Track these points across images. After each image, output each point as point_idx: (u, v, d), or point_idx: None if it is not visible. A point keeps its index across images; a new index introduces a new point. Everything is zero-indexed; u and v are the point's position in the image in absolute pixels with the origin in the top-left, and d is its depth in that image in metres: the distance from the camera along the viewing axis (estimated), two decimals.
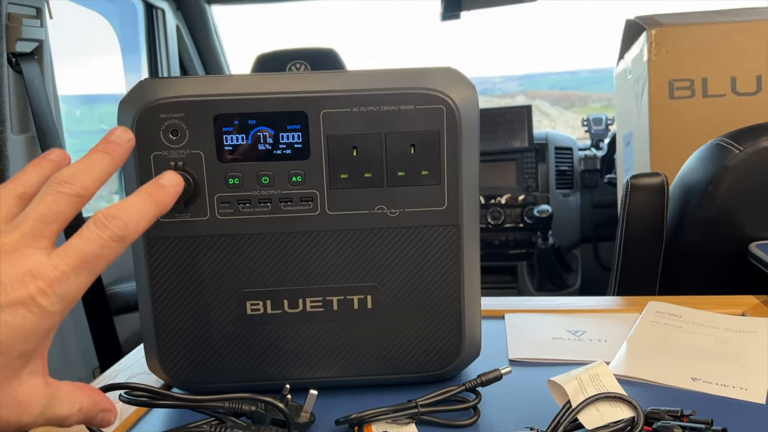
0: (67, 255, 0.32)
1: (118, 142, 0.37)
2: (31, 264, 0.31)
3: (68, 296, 0.32)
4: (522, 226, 2.26)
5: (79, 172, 0.34)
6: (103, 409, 0.37)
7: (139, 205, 0.35)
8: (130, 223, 0.34)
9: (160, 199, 0.36)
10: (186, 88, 0.51)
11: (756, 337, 0.64)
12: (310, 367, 0.55)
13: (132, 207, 0.34)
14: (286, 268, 0.54)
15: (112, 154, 0.36)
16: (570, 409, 0.46)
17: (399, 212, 0.53)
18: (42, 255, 0.32)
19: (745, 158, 0.90)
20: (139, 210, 0.35)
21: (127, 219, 0.34)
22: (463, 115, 0.52)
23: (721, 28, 1.36)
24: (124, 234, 0.33)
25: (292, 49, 1.67)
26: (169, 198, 0.37)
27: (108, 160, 0.36)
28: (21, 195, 0.35)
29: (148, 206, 0.35)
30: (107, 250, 0.33)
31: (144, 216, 0.35)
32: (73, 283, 0.32)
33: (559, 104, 5.59)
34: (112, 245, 0.33)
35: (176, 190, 0.37)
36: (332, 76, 0.52)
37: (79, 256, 0.32)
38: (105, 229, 0.33)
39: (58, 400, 0.34)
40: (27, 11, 1.14)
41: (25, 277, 0.30)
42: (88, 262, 0.32)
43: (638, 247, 0.99)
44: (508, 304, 0.78)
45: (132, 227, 0.34)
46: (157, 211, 0.36)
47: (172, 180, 0.37)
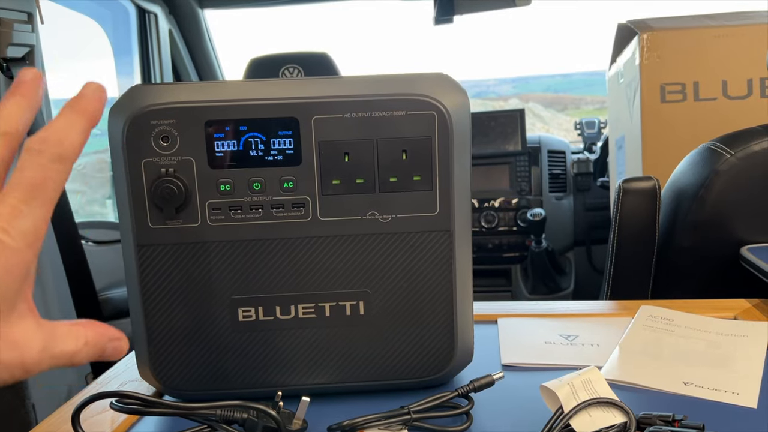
0: (12, 189, 0.31)
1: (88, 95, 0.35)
2: None
3: (29, 229, 0.31)
4: (515, 230, 2.26)
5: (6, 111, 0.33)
6: (111, 338, 0.36)
7: (67, 120, 0.34)
8: (64, 140, 0.33)
9: (86, 109, 0.34)
10: (177, 95, 0.51)
11: (748, 341, 0.64)
12: (303, 374, 0.55)
13: (60, 125, 0.33)
14: (278, 275, 0.53)
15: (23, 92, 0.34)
16: (562, 415, 0.46)
17: (391, 218, 0.53)
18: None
19: (736, 162, 0.90)
20: (69, 124, 0.33)
21: (59, 136, 0.33)
22: (455, 120, 0.52)
23: (712, 32, 1.37)
24: (61, 152, 0.32)
25: (286, 53, 1.67)
26: (94, 105, 0.35)
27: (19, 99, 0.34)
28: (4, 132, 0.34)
29: (76, 118, 0.34)
30: (51, 172, 0.32)
31: (75, 129, 0.33)
32: (28, 215, 0.31)
33: (552, 107, 5.62)
34: (53, 167, 0.32)
35: (99, 95, 0.35)
36: (323, 82, 0.52)
37: (24, 186, 0.31)
38: (40, 154, 0.32)
39: (58, 338, 0.33)
40: (18, 16, 1.14)
41: None
42: (35, 189, 0.31)
43: (630, 251, 0.99)
44: (501, 309, 0.78)
45: (67, 143, 0.33)
46: (88, 121, 0.34)
47: (91, 87, 0.35)
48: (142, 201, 0.51)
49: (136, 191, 0.51)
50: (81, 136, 0.34)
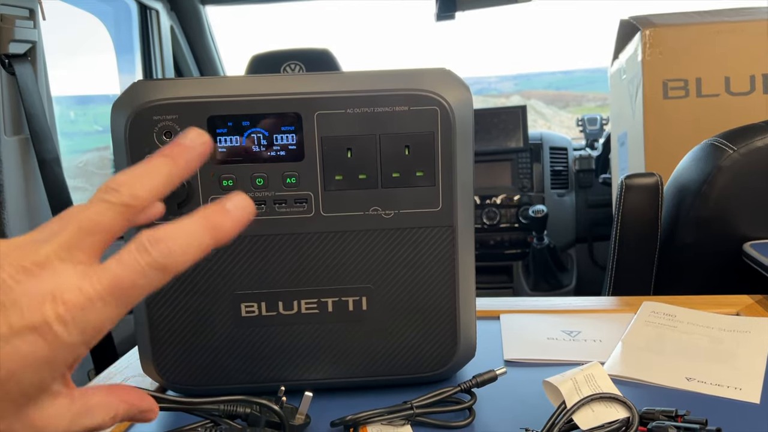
0: (99, 278, 0.27)
1: (186, 144, 0.31)
2: (56, 283, 0.27)
3: (91, 326, 0.27)
4: (517, 226, 2.26)
5: (131, 178, 0.29)
6: (141, 410, 0.34)
7: (192, 229, 0.29)
8: (177, 250, 0.28)
9: (219, 226, 0.30)
10: (179, 90, 0.51)
11: (750, 337, 0.64)
12: (305, 369, 0.55)
13: (183, 231, 0.29)
14: (281, 270, 0.53)
15: (176, 160, 0.31)
16: (565, 410, 0.46)
17: (393, 213, 0.53)
18: (73, 272, 0.27)
19: (738, 158, 0.90)
20: (191, 235, 0.29)
21: (174, 245, 0.28)
22: (458, 116, 0.52)
23: (715, 28, 1.37)
24: (167, 263, 0.28)
25: (287, 50, 1.66)
26: (230, 225, 0.30)
27: (170, 167, 0.30)
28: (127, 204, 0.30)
29: (203, 232, 0.29)
30: (144, 279, 0.28)
31: (195, 244, 0.29)
32: (98, 312, 0.27)
33: (554, 104, 5.60)
34: (150, 274, 0.28)
35: (242, 215, 0.30)
36: (326, 78, 0.52)
37: (111, 281, 0.27)
38: (145, 254, 0.28)
39: (88, 414, 0.31)
40: (20, 12, 1.14)
41: (45, 299, 0.26)
42: (119, 290, 0.27)
43: (633, 247, 0.99)
44: (504, 305, 0.78)
45: (179, 256, 0.28)
46: (214, 240, 0.29)
47: (239, 203, 0.30)
48: None
49: None
50: (197, 252, 0.29)
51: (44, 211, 1.20)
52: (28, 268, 0.27)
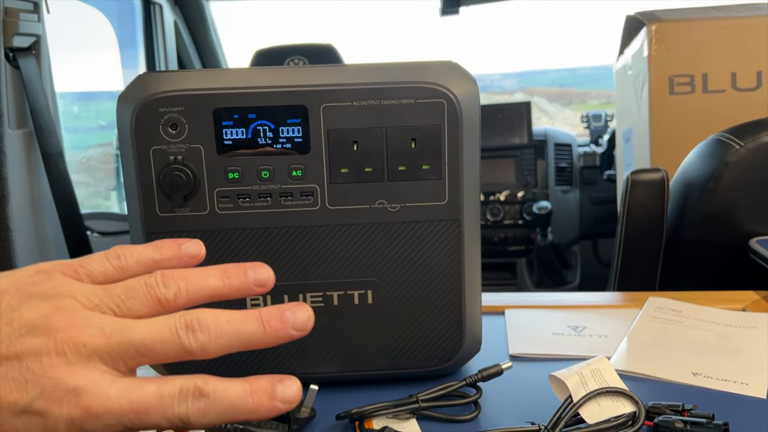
0: (129, 396, 0.27)
1: (287, 321, 0.30)
2: (86, 382, 0.26)
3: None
4: (521, 223, 2.25)
5: (217, 325, 0.29)
6: None
7: (237, 398, 0.28)
8: (210, 413, 0.28)
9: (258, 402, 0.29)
10: (185, 82, 0.51)
11: (756, 333, 0.64)
12: (311, 362, 0.55)
13: (228, 395, 0.28)
14: (287, 263, 0.53)
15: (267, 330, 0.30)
16: (571, 404, 0.46)
17: (400, 207, 0.53)
18: (107, 378, 0.27)
19: (745, 154, 0.90)
20: (231, 403, 0.28)
21: (211, 408, 0.28)
22: (464, 108, 0.52)
23: (721, 23, 1.36)
24: (195, 422, 0.28)
25: (291, 45, 1.66)
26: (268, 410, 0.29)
27: (257, 333, 0.30)
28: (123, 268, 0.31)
29: (244, 402, 0.28)
30: (166, 423, 0.27)
31: (231, 411, 0.28)
32: (106, 426, 0.27)
33: (557, 101, 5.58)
34: (173, 422, 0.27)
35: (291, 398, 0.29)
36: (333, 70, 0.52)
37: (138, 408, 0.27)
38: (183, 405, 0.27)
39: None
40: (24, 6, 1.14)
41: (68, 393, 0.26)
42: (139, 419, 0.27)
43: (638, 243, 0.99)
44: (509, 300, 0.78)
45: (207, 419, 0.28)
46: (248, 416, 0.29)
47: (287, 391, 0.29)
48: (151, 189, 0.51)
49: (144, 179, 0.51)
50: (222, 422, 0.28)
51: (48, 205, 1.20)
52: (68, 356, 0.27)
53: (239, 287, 0.32)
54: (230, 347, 0.29)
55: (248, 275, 0.32)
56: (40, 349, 0.26)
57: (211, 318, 0.29)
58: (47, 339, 0.27)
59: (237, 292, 0.32)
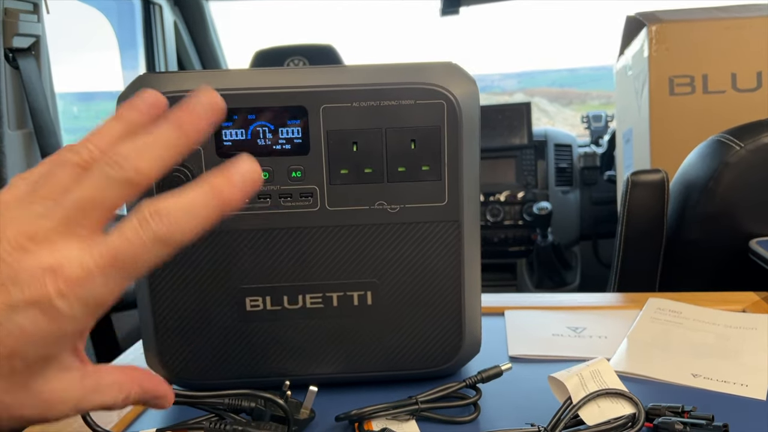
0: (100, 252, 0.27)
1: (196, 110, 0.29)
2: (55, 258, 0.26)
3: (93, 300, 0.27)
4: (521, 224, 2.25)
5: (135, 151, 0.28)
6: (157, 396, 0.32)
7: (197, 201, 0.28)
8: (180, 223, 0.27)
9: (226, 197, 0.28)
10: (185, 83, 0.50)
11: (756, 334, 0.64)
12: (310, 364, 0.55)
13: (187, 203, 0.28)
14: (286, 264, 0.53)
15: (185, 128, 0.29)
16: (571, 406, 0.46)
17: (399, 208, 0.53)
18: (73, 246, 0.27)
19: (745, 155, 0.90)
20: (195, 208, 0.28)
21: (177, 218, 0.27)
22: (464, 110, 0.51)
23: (721, 24, 1.36)
24: (170, 236, 0.27)
25: (291, 45, 1.66)
26: (238, 196, 0.29)
27: (176, 136, 0.29)
28: (28, 185, 0.29)
29: (208, 204, 0.28)
30: (146, 253, 0.27)
31: (200, 216, 0.28)
32: (99, 286, 0.27)
33: (557, 101, 5.59)
34: (152, 248, 0.27)
35: (250, 185, 0.29)
36: (332, 71, 0.52)
37: (112, 255, 0.27)
38: (147, 228, 0.27)
39: (99, 391, 0.30)
40: (24, 6, 1.14)
41: (45, 274, 0.26)
42: (120, 263, 0.27)
43: (638, 244, 0.99)
44: (508, 301, 0.78)
45: (182, 229, 0.27)
46: (220, 212, 0.28)
47: (247, 172, 0.29)
48: (150, 190, 0.51)
49: None
50: (201, 225, 0.28)
51: None
52: (26, 246, 0.27)
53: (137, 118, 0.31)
54: (160, 157, 0.28)
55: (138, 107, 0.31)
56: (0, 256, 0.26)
57: (127, 145, 0.28)
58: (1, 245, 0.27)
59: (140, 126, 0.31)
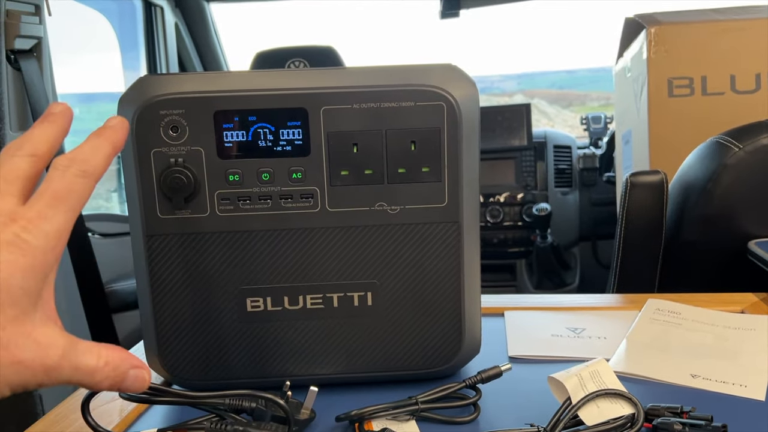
0: (39, 197, 0.33)
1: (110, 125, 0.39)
2: (7, 210, 0.32)
3: (52, 231, 0.32)
4: (521, 225, 2.26)
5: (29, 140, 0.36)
6: (133, 365, 0.35)
7: (93, 145, 0.36)
8: (90, 159, 0.35)
9: (111, 137, 0.38)
10: (186, 85, 0.51)
11: (755, 335, 0.64)
12: (311, 364, 0.55)
13: (86, 148, 0.36)
14: (287, 265, 0.54)
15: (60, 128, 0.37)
16: (570, 406, 0.46)
17: (399, 209, 0.53)
18: (15, 201, 0.33)
19: (744, 156, 0.90)
20: (94, 148, 0.36)
21: (85, 156, 0.35)
22: (464, 111, 0.52)
23: (720, 26, 1.36)
24: (86, 168, 0.35)
25: (291, 47, 1.66)
26: (118, 135, 0.38)
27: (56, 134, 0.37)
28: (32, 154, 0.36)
29: (102, 143, 0.37)
30: (75, 185, 0.34)
31: (100, 152, 0.36)
32: (52, 219, 0.33)
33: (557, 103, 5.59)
34: (78, 181, 0.34)
35: (122, 126, 0.39)
36: (333, 73, 0.52)
37: (50, 194, 0.33)
38: (66, 170, 0.34)
39: (80, 350, 0.33)
40: (26, 8, 1.14)
41: (5, 221, 0.32)
42: (60, 197, 0.33)
43: (638, 245, 0.99)
44: (508, 302, 0.78)
45: (92, 162, 0.35)
46: (113, 148, 0.37)
47: (116, 120, 0.39)
48: (152, 191, 0.51)
49: (145, 181, 0.51)
50: (105, 160, 0.36)
51: None
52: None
53: None
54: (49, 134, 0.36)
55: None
56: None
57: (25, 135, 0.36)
58: None
59: None
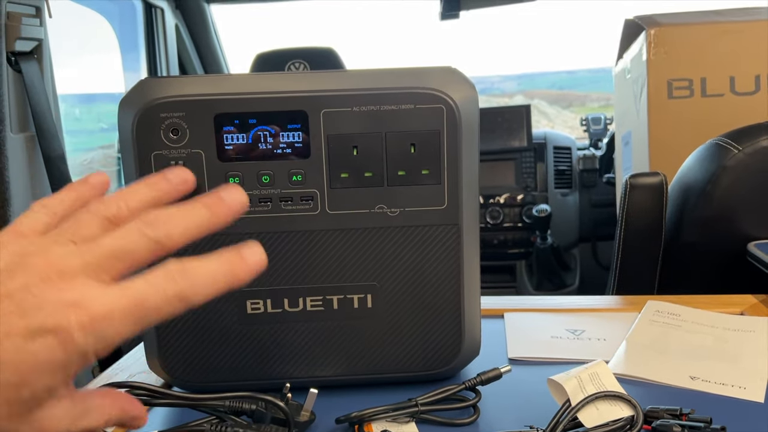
0: (124, 295, 0.29)
1: (225, 200, 0.33)
2: (81, 294, 0.28)
3: (107, 338, 0.28)
4: (521, 226, 2.26)
5: (169, 217, 0.31)
6: (133, 417, 0.35)
7: (217, 269, 0.31)
8: (200, 285, 0.30)
9: (238, 274, 0.32)
10: (186, 88, 0.51)
11: (755, 336, 0.64)
12: (311, 366, 0.55)
13: (208, 270, 0.31)
14: (287, 268, 0.54)
15: (213, 211, 0.33)
16: (569, 408, 0.46)
17: (399, 211, 0.53)
18: (97, 287, 0.29)
19: (743, 158, 0.90)
20: (214, 275, 0.31)
21: (199, 281, 0.30)
22: (463, 114, 0.52)
23: (720, 27, 1.36)
24: (190, 295, 0.30)
25: (291, 49, 1.66)
26: (247, 274, 0.32)
27: (206, 216, 0.32)
28: (54, 213, 0.33)
29: (225, 273, 0.31)
30: (167, 306, 0.30)
31: (216, 285, 0.31)
32: (116, 326, 0.28)
33: (557, 104, 5.59)
34: (173, 304, 0.30)
35: (256, 267, 0.32)
36: (333, 76, 0.52)
37: (136, 301, 0.29)
38: (173, 284, 0.30)
39: (86, 416, 0.32)
40: (26, 10, 1.14)
41: (69, 306, 0.28)
42: (141, 310, 0.29)
43: (637, 247, 0.99)
44: (508, 304, 0.78)
45: (201, 291, 0.30)
46: (232, 284, 0.31)
47: (256, 254, 0.32)
48: None
49: None
50: (215, 292, 0.31)
51: None
52: (54, 280, 0.28)
53: (167, 188, 0.35)
54: (189, 231, 0.32)
55: (168, 178, 0.35)
56: (26, 283, 0.28)
57: (163, 212, 0.32)
58: (28, 274, 0.28)
59: (167, 195, 0.34)
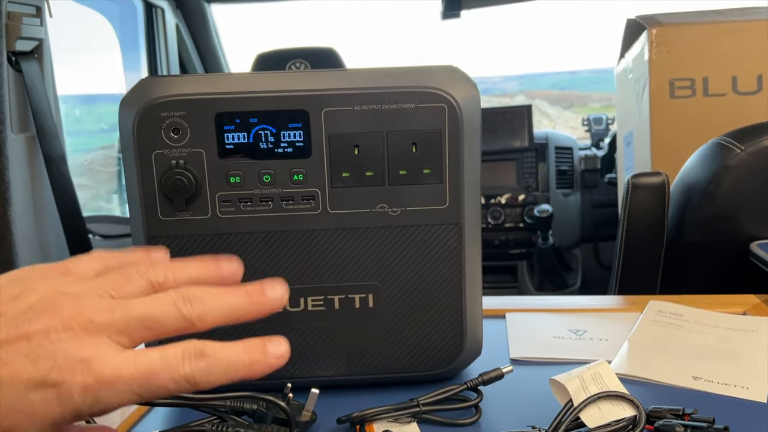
0: (135, 363, 0.28)
1: (267, 295, 0.33)
2: (96, 353, 0.28)
3: (105, 402, 0.28)
4: (522, 226, 2.25)
5: (208, 298, 0.30)
6: None
7: (237, 360, 0.30)
8: (214, 373, 0.29)
9: (256, 369, 0.30)
10: (187, 87, 0.51)
11: (757, 336, 0.64)
12: (312, 366, 0.55)
13: (227, 358, 0.30)
14: (288, 267, 0.53)
15: (252, 301, 0.32)
16: (572, 408, 0.46)
17: (400, 211, 0.53)
18: (112, 349, 0.28)
19: (746, 157, 0.90)
20: (233, 365, 0.30)
21: (214, 369, 0.29)
22: (465, 113, 0.52)
23: (722, 27, 1.36)
24: (201, 381, 0.29)
25: (292, 49, 1.66)
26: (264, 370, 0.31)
27: (244, 306, 0.32)
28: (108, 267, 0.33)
29: (243, 366, 0.30)
30: (174, 386, 0.28)
31: (230, 373, 0.30)
32: (118, 393, 0.28)
33: (558, 104, 5.59)
34: (181, 384, 0.29)
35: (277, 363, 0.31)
36: (334, 75, 0.52)
37: (145, 373, 0.28)
38: (187, 366, 0.29)
39: None
40: (27, 9, 1.14)
41: (79, 363, 0.27)
42: (147, 383, 0.28)
43: (639, 247, 0.99)
44: (509, 304, 0.78)
45: (212, 380, 0.29)
46: (247, 377, 0.30)
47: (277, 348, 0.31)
48: (153, 193, 0.51)
49: (146, 183, 0.51)
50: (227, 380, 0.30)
51: (50, 209, 1.20)
52: (75, 330, 0.28)
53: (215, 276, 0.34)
54: (223, 317, 0.31)
55: (220, 266, 0.34)
56: (48, 327, 0.27)
57: (202, 291, 0.31)
58: (54, 318, 0.28)
59: (221, 279, 0.34)
